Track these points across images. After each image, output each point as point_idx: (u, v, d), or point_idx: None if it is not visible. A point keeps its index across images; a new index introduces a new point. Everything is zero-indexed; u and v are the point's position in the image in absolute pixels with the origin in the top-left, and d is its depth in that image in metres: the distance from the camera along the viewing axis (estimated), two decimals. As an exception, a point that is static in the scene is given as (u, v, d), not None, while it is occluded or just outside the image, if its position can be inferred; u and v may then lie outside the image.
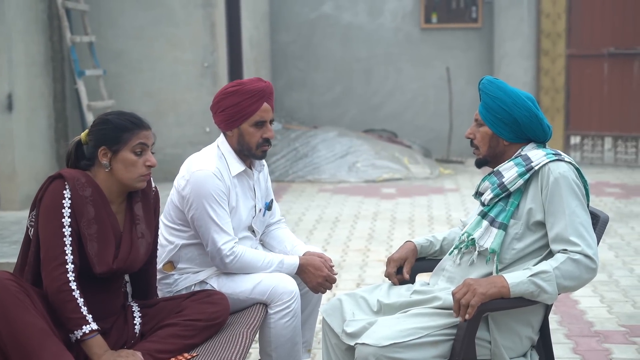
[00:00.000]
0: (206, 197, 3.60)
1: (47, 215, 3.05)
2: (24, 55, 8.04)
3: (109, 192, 3.19)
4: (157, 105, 9.37)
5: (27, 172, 8.10)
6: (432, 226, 7.78)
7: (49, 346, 2.86)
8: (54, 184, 3.09)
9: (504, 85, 3.28)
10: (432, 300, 3.21)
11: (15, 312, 2.86)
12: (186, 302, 3.37)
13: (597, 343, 4.71)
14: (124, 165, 3.16)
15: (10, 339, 2.86)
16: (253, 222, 3.85)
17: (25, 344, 2.84)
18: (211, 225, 3.61)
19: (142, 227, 3.27)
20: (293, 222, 8.02)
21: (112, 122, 3.17)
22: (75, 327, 3.00)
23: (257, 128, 3.71)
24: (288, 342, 3.66)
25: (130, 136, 3.17)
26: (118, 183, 3.19)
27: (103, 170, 3.18)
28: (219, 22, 9.48)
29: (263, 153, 3.76)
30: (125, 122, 3.18)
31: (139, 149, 3.18)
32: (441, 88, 12.22)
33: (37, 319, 2.88)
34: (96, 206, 3.12)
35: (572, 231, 3.07)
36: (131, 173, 3.18)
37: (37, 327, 2.86)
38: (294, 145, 10.99)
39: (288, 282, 3.65)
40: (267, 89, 3.71)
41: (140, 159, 3.19)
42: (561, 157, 3.20)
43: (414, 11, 12.29)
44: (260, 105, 3.68)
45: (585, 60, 11.30)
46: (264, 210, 3.94)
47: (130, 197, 3.29)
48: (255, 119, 3.69)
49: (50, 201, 3.06)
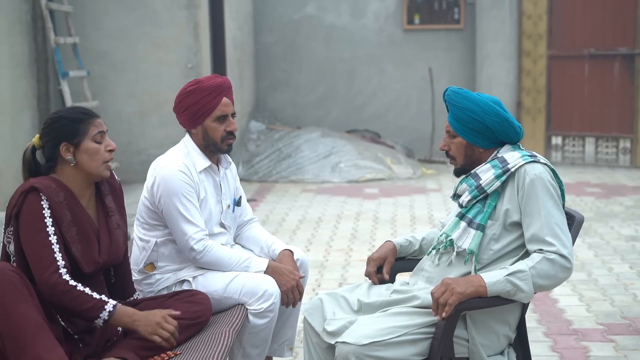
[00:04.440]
0: (174, 192, 3.68)
1: (30, 229, 3.08)
2: (7, 57, 8.05)
3: (78, 187, 3.24)
4: (140, 106, 9.40)
5: (11, 173, 8.10)
6: (415, 226, 7.85)
7: (42, 339, 2.90)
8: (30, 197, 3.10)
9: (470, 94, 3.32)
10: (411, 300, 3.27)
11: (14, 302, 2.89)
12: (169, 301, 3.42)
13: (575, 341, 4.78)
14: (89, 155, 3.21)
15: (6, 328, 2.89)
16: (223, 218, 3.91)
17: (20, 334, 2.88)
18: (179, 218, 3.68)
19: (116, 218, 3.35)
20: (276, 222, 8.06)
21: (66, 118, 3.22)
22: (97, 312, 3.06)
23: (220, 122, 3.80)
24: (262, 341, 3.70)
25: (88, 126, 3.23)
26: (85, 175, 3.24)
27: (68, 166, 3.22)
28: (203, 23, 9.51)
29: (229, 146, 3.85)
30: (79, 115, 3.24)
31: (99, 137, 3.25)
32: (424, 89, 12.30)
33: (34, 312, 2.92)
34: (70, 208, 3.17)
35: (547, 231, 3.13)
36: (96, 161, 3.23)
37: (33, 320, 2.90)
38: (277, 145, 11.04)
39: (269, 283, 3.68)
40: (224, 84, 3.80)
41: (101, 146, 3.25)
42: (537, 159, 3.26)
43: (396, 12, 12.35)
44: (220, 100, 3.78)
45: (567, 61, 11.39)
46: (233, 206, 4.00)
47: (99, 191, 3.34)
48: (216, 114, 3.78)
49: (31, 214, 3.08)
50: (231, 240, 3.99)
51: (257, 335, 3.66)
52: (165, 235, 3.77)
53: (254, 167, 10.53)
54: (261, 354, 3.72)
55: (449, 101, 3.37)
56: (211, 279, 3.71)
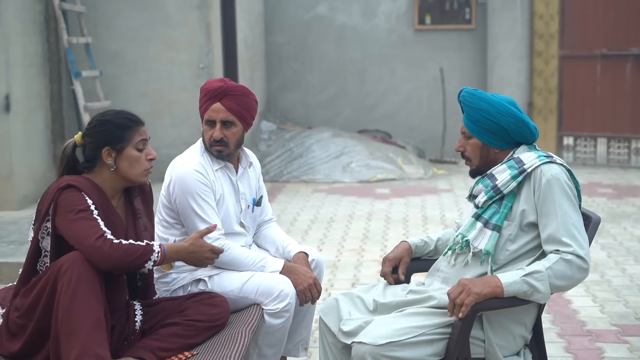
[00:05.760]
0: (189, 192, 3.68)
1: (72, 210, 3.08)
2: (21, 57, 8.08)
3: (110, 189, 3.27)
4: (152, 106, 9.42)
5: (24, 173, 8.14)
6: (426, 226, 7.85)
7: (99, 334, 2.94)
8: (68, 191, 3.13)
9: (485, 95, 3.31)
10: (427, 300, 3.27)
11: (84, 292, 2.95)
12: (188, 302, 3.43)
13: (589, 342, 4.77)
14: (129, 162, 3.24)
15: (67, 313, 2.94)
16: (242, 218, 3.91)
17: (79, 323, 2.93)
18: (195, 218, 3.68)
19: (144, 221, 3.37)
20: (288, 222, 8.07)
21: (112, 122, 3.24)
22: (148, 256, 3.11)
23: (209, 127, 3.79)
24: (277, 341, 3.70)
25: (132, 133, 3.25)
26: (122, 180, 3.27)
27: (107, 170, 3.24)
28: (215, 23, 9.53)
29: (218, 153, 3.79)
30: (125, 121, 3.25)
31: (141, 145, 3.27)
32: (435, 89, 12.29)
33: (98, 306, 2.98)
34: (103, 208, 3.19)
35: (564, 232, 3.13)
36: (136, 169, 3.26)
37: (95, 314, 2.96)
38: (288, 145, 11.04)
39: (284, 283, 3.68)
40: (219, 90, 3.74)
41: (142, 154, 3.26)
42: (553, 159, 3.25)
43: (407, 12, 12.35)
44: (211, 104, 3.75)
45: (578, 61, 11.37)
46: (252, 206, 3.99)
47: (128, 193, 3.36)
48: (205, 118, 3.78)
49: (72, 200, 3.10)
50: (250, 240, 3.99)
51: (273, 335, 3.66)
52: (183, 234, 3.77)
53: (265, 167, 10.52)
54: (276, 353, 3.72)
55: (464, 102, 3.37)
56: (227, 278, 3.71)
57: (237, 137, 3.79)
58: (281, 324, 3.65)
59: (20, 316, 3.12)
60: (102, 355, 2.93)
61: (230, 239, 3.78)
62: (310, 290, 3.71)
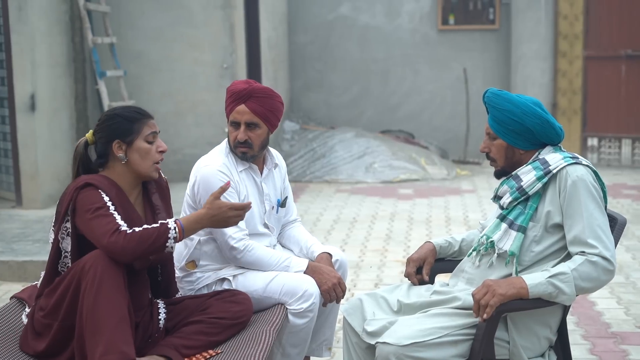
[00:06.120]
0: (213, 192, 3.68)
1: (90, 208, 3.09)
2: (46, 57, 8.14)
3: (127, 185, 3.29)
4: (176, 106, 9.47)
5: (49, 172, 8.20)
6: (450, 227, 7.83)
7: (123, 330, 2.96)
8: (86, 189, 3.15)
9: (510, 96, 3.30)
10: (451, 301, 3.26)
11: (108, 288, 2.96)
12: (211, 300, 3.44)
13: (614, 344, 4.74)
14: (140, 155, 3.26)
15: (92, 310, 2.95)
16: (266, 219, 3.92)
17: (103, 319, 2.94)
18: None
19: (162, 216, 3.38)
20: (311, 222, 8.08)
21: (121, 116, 3.27)
22: (165, 235, 3.08)
23: (233, 128, 3.79)
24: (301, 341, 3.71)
25: (142, 126, 3.27)
26: (134, 174, 3.29)
27: (119, 163, 3.26)
28: (238, 23, 9.55)
29: (242, 154, 3.80)
30: (134, 114, 3.28)
31: (151, 137, 3.29)
32: (458, 89, 12.25)
33: (122, 303, 2.99)
34: (122, 205, 3.20)
35: (589, 233, 3.12)
36: (147, 161, 3.28)
37: (119, 310, 2.96)
38: (311, 145, 11.05)
39: (309, 283, 3.69)
40: (243, 92, 3.74)
41: (152, 146, 3.28)
42: (579, 161, 3.24)
43: (431, 13, 12.32)
44: (236, 106, 3.76)
45: (603, 62, 11.30)
46: (277, 207, 3.99)
47: (146, 189, 3.37)
48: (230, 119, 3.79)
49: (90, 198, 3.12)
50: (275, 241, 4.00)
51: (297, 335, 3.67)
52: (208, 233, 3.78)
53: (288, 167, 10.48)
54: (300, 353, 3.73)
55: (488, 103, 3.36)
56: (251, 278, 3.73)
57: (261, 139, 3.80)
58: (305, 324, 3.66)
59: (45, 316, 3.14)
60: (127, 352, 2.94)
61: (254, 240, 3.79)
62: (334, 290, 3.71)
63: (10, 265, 6.18)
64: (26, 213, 7.86)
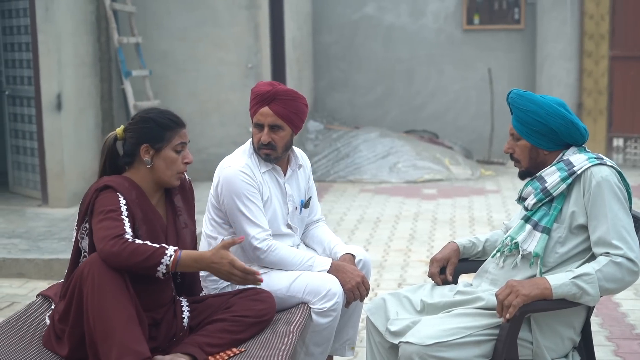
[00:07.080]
0: (236, 193, 3.71)
1: (104, 210, 3.10)
2: (72, 56, 8.20)
3: (149, 187, 3.29)
4: (201, 106, 9.51)
5: (75, 171, 8.26)
6: (473, 227, 7.81)
7: (133, 329, 2.96)
8: (105, 192, 3.15)
9: (534, 97, 3.29)
10: (475, 301, 3.26)
11: (111, 292, 2.96)
12: (234, 299, 3.45)
13: (638, 346, 4.72)
14: (165, 163, 3.26)
15: (99, 315, 2.95)
16: (289, 219, 3.93)
17: (111, 322, 2.94)
18: (242, 219, 3.71)
19: (184, 218, 3.38)
20: (335, 222, 8.09)
21: (155, 121, 3.26)
22: (159, 259, 3.01)
23: (257, 130, 3.80)
24: (324, 340, 3.72)
25: (173, 135, 3.27)
26: (156, 179, 3.29)
27: (144, 166, 3.27)
28: (263, 23, 9.58)
29: (265, 156, 3.80)
30: (168, 122, 3.28)
31: (179, 147, 3.29)
32: (483, 89, 12.22)
33: (128, 303, 2.99)
34: (141, 207, 3.22)
35: (614, 234, 3.10)
36: (171, 170, 3.28)
37: (126, 310, 2.97)
38: (335, 145, 11.07)
39: (332, 282, 3.70)
40: (267, 94, 3.74)
41: (179, 156, 3.29)
42: (603, 161, 3.23)
43: (456, 12, 12.30)
44: (259, 108, 3.75)
45: (629, 61, 11.24)
46: (300, 208, 4.00)
47: (168, 190, 3.39)
48: (254, 121, 3.79)
49: (106, 201, 3.13)
50: (298, 241, 4.01)
51: (320, 334, 3.68)
52: (231, 233, 3.80)
53: (312, 167, 10.54)
54: (323, 352, 3.74)
55: (512, 104, 3.36)
56: (275, 277, 3.74)
57: (285, 140, 3.80)
58: (328, 323, 3.67)
59: (59, 320, 3.16)
60: (141, 351, 2.95)
61: (278, 240, 3.81)
62: (358, 289, 3.71)
63: (36, 263, 6.24)
64: (52, 211, 7.93)
